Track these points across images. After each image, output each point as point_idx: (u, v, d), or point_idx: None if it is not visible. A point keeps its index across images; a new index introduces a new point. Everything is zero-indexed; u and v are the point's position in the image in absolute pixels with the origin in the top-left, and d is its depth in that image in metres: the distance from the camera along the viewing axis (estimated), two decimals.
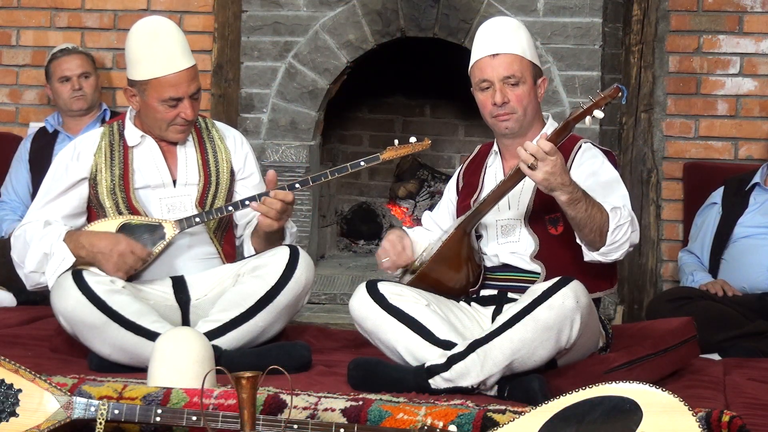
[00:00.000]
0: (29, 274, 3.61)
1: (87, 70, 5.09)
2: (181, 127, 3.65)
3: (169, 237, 3.61)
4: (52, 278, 3.54)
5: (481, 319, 3.44)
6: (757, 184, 4.52)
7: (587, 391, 2.59)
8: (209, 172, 3.73)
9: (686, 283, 4.51)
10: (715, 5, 5.10)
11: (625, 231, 3.23)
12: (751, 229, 4.44)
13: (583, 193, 3.18)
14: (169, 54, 3.59)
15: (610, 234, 3.21)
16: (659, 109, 5.12)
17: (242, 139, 3.88)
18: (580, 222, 3.20)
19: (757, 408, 3.13)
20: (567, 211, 3.19)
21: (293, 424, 2.66)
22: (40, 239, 3.57)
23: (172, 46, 3.61)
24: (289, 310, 3.61)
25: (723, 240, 4.49)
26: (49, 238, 3.56)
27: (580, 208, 3.17)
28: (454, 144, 5.67)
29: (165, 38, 3.61)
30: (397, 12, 4.89)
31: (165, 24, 3.67)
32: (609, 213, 3.21)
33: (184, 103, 3.61)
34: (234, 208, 3.64)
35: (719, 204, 4.58)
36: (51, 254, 3.55)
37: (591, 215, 3.19)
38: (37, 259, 3.57)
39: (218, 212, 3.63)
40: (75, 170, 3.67)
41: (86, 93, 5.06)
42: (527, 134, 3.44)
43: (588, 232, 3.22)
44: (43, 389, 2.79)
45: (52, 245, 3.55)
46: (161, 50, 3.59)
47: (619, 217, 3.22)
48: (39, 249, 3.56)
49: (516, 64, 3.39)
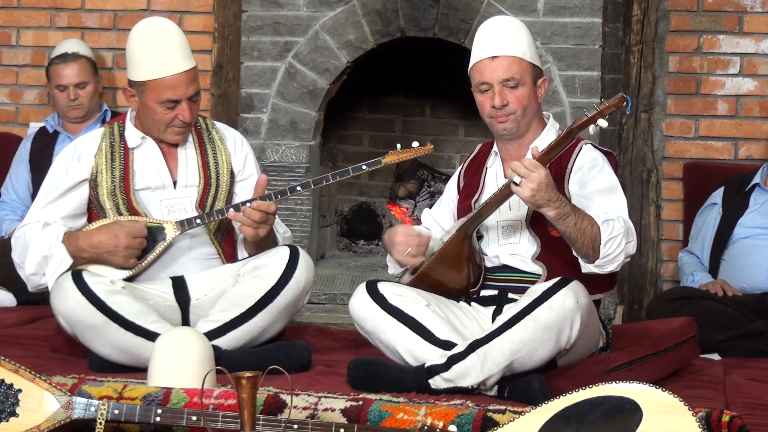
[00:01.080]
0: (30, 277, 3.61)
1: (84, 79, 5.04)
2: (179, 129, 3.64)
3: (169, 238, 3.61)
4: (51, 280, 3.55)
5: (482, 320, 3.44)
6: (758, 184, 4.52)
7: (587, 391, 2.59)
8: (209, 173, 3.73)
9: (686, 283, 4.51)
10: (715, 5, 5.10)
11: (618, 243, 3.22)
12: (751, 229, 4.44)
13: (571, 207, 3.18)
14: (169, 55, 3.58)
15: (602, 247, 3.20)
16: (659, 109, 5.12)
17: (242, 140, 3.87)
18: (570, 236, 3.20)
19: (757, 408, 3.13)
20: (556, 226, 3.19)
21: (293, 424, 2.66)
22: (38, 241, 3.57)
23: (172, 48, 3.60)
24: (289, 310, 3.61)
25: (723, 240, 4.49)
26: (47, 239, 3.57)
27: (569, 222, 3.17)
28: (454, 144, 5.67)
29: (165, 39, 3.60)
30: (397, 12, 4.89)
31: (166, 25, 3.67)
32: (600, 226, 3.21)
33: (182, 106, 3.60)
34: (219, 215, 3.63)
35: (719, 204, 4.58)
36: (50, 256, 3.55)
37: (581, 229, 3.18)
38: (36, 261, 3.57)
39: (219, 214, 3.63)
40: (75, 171, 3.67)
41: (82, 102, 5.03)
42: (526, 135, 3.44)
43: (580, 246, 3.22)
44: (43, 389, 2.79)
45: (51, 247, 3.55)
46: (161, 51, 3.58)
47: (611, 230, 3.21)
48: (38, 251, 3.57)
49: (515, 66, 3.39)
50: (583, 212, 3.20)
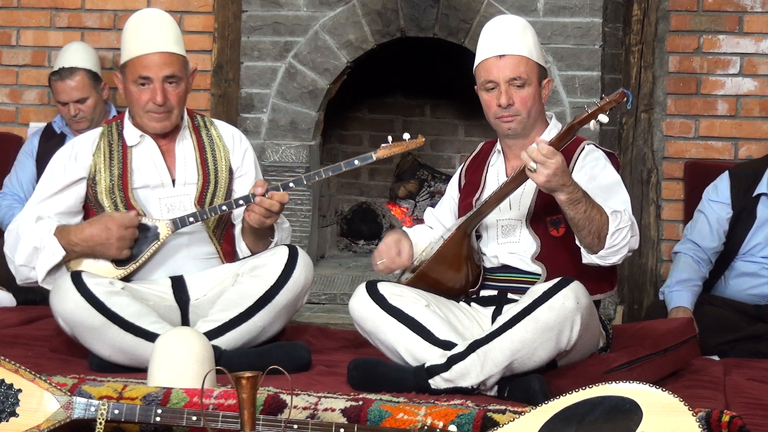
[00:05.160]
0: (19, 268, 3.60)
1: (83, 94, 4.94)
2: (156, 115, 3.62)
3: (163, 237, 3.60)
4: (41, 272, 3.55)
5: (481, 320, 3.44)
6: (764, 194, 4.42)
7: (587, 391, 2.59)
8: (208, 170, 3.72)
9: (666, 288, 4.40)
10: (715, 5, 5.10)
11: (624, 235, 3.23)
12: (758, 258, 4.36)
13: (583, 193, 3.18)
14: (149, 35, 3.59)
15: (609, 237, 3.21)
16: (659, 109, 5.13)
17: (241, 137, 3.87)
18: (579, 223, 3.20)
19: (757, 408, 3.13)
20: (566, 211, 3.19)
21: (293, 424, 2.66)
22: (30, 233, 3.57)
23: (156, 31, 3.61)
24: (288, 309, 3.61)
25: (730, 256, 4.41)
26: (39, 232, 3.56)
27: (580, 208, 3.17)
28: (454, 144, 5.67)
29: (151, 23, 3.63)
30: (397, 12, 4.89)
31: (156, 13, 3.70)
32: (609, 216, 3.21)
33: (155, 86, 3.58)
34: (228, 208, 3.62)
35: (728, 205, 4.45)
36: (41, 248, 3.54)
37: (590, 217, 3.19)
38: (27, 252, 3.56)
39: (212, 211, 3.61)
40: (73, 170, 3.67)
41: (85, 116, 4.97)
42: (530, 135, 3.44)
43: (587, 234, 3.21)
44: (43, 389, 2.79)
45: (42, 239, 3.55)
46: (143, 33, 3.60)
47: (619, 221, 3.22)
48: (29, 243, 3.56)
49: (522, 65, 3.39)
50: (594, 201, 3.21)
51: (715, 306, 4.25)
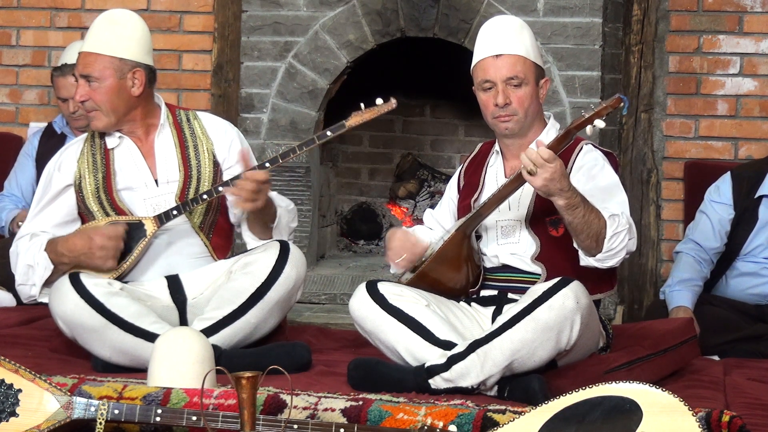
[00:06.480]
0: (19, 287, 3.66)
1: None
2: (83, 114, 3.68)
3: (149, 233, 3.59)
4: (37, 289, 3.59)
5: (481, 320, 3.44)
6: (766, 195, 4.39)
7: (587, 391, 2.59)
8: (189, 166, 3.69)
9: (666, 287, 4.40)
10: (715, 5, 5.10)
11: (622, 239, 3.23)
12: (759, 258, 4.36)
13: (581, 198, 3.18)
14: (90, 35, 3.62)
15: (606, 241, 3.21)
16: (659, 109, 5.13)
17: (227, 127, 3.81)
18: (577, 227, 3.20)
19: (757, 408, 3.13)
20: (564, 215, 3.19)
21: (293, 424, 2.66)
22: (25, 252, 3.61)
23: (103, 32, 3.61)
24: (280, 306, 3.59)
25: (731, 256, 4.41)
26: (32, 250, 3.61)
27: (578, 213, 3.17)
28: (454, 144, 5.67)
29: (104, 24, 3.63)
30: (397, 12, 4.89)
31: (119, 13, 3.68)
32: (607, 220, 3.21)
33: (78, 84, 3.63)
34: (208, 196, 3.58)
35: (730, 206, 4.44)
36: (34, 265, 3.58)
37: (588, 221, 3.19)
38: (23, 271, 3.62)
39: (194, 202, 3.59)
40: (58, 180, 3.69)
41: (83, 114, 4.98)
42: (528, 135, 3.44)
43: (585, 238, 3.22)
44: (43, 389, 2.79)
45: (35, 256, 3.59)
46: (90, 32, 3.63)
47: (617, 225, 3.22)
48: (24, 262, 3.61)
49: (519, 65, 3.39)
50: (592, 205, 3.21)
51: (715, 306, 4.25)
